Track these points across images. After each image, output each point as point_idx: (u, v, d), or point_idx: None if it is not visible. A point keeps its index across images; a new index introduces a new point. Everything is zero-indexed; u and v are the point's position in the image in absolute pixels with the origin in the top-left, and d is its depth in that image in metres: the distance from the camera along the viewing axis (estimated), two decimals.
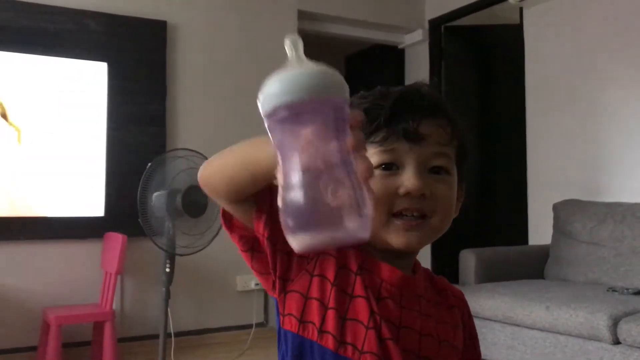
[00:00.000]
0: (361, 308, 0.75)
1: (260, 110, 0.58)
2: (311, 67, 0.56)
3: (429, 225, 0.78)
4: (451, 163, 0.81)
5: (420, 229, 0.77)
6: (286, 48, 0.59)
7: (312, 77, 0.55)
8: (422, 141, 0.78)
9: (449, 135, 0.81)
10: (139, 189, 2.72)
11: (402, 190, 0.76)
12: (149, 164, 2.74)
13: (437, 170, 0.79)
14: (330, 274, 0.75)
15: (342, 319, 0.74)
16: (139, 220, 2.71)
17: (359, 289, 0.76)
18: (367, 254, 0.80)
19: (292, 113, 0.55)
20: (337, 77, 0.58)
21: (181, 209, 2.67)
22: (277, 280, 0.75)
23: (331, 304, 0.74)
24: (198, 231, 2.74)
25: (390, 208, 0.76)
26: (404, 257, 0.82)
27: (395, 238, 0.77)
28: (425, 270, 0.89)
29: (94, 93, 3.69)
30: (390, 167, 0.78)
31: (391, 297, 0.78)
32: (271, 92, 0.56)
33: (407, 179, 0.76)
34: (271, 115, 0.56)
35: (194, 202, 2.68)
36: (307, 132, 0.55)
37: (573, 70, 3.77)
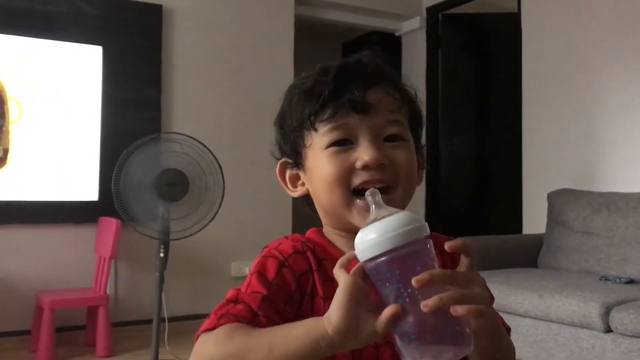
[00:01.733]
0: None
1: (364, 257, 0.63)
2: (402, 216, 0.63)
3: (393, 200, 0.74)
4: (405, 129, 0.79)
5: None
6: (367, 199, 0.67)
7: (408, 224, 0.62)
8: (372, 111, 0.75)
9: (398, 101, 0.78)
10: (119, 174, 2.69)
11: (359, 164, 0.74)
12: (125, 150, 2.72)
13: (392, 139, 0.76)
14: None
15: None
16: (115, 205, 2.68)
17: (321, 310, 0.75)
18: (323, 249, 0.79)
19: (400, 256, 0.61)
20: (420, 220, 0.63)
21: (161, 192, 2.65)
22: None
23: None
24: (186, 214, 2.72)
25: (350, 184, 0.73)
26: None
27: (358, 219, 0.75)
28: None
29: (88, 77, 3.67)
30: (345, 142, 0.75)
31: None
32: (375, 242, 0.62)
33: (363, 151, 0.74)
34: (379, 259, 0.62)
35: (172, 185, 2.67)
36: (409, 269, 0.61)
37: (570, 60, 3.76)
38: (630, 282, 2.80)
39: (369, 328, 0.61)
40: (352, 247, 0.76)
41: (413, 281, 0.59)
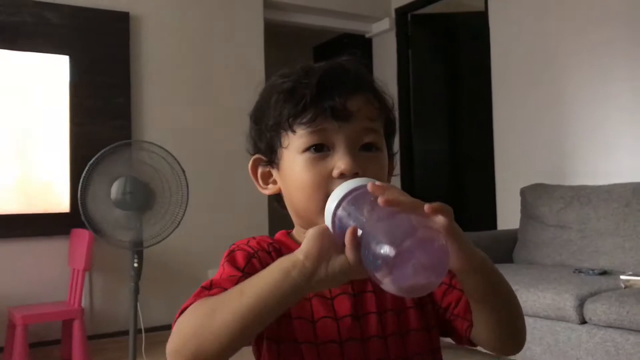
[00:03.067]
0: (328, 329, 0.76)
1: (333, 207, 0.68)
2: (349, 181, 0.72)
3: None
4: (381, 139, 0.80)
5: None
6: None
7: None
8: (351, 118, 0.76)
9: (377, 110, 0.79)
10: (85, 186, 2.66)
11: (335, 172, 0.74)
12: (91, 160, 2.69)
13: (368, 147, 0.77)
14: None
15: (316, 345, 0.75)
16: (82, 217, 2.65)
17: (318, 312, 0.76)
18: (289, 250, 0.79)
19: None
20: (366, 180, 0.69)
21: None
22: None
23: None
24: (154, 222, 2.69)
25: (327, 192, 0.73)
26: None
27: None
28: None
29: (56, 87, 3.61)
30: (321, 148, 0.76)
31: (342, 291, 0.78)
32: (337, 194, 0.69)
33: (340, 159, 0.75)
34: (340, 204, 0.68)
35: (138, 194, 2.64)
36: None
37: (537, 56, 3.81)
38: (603, 273, 2.84)
39: (340, 260, 0.62)
40: None
41: (380, 200, 0.60)
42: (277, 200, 0.86)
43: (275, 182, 0.83)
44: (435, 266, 0.59)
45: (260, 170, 0.84)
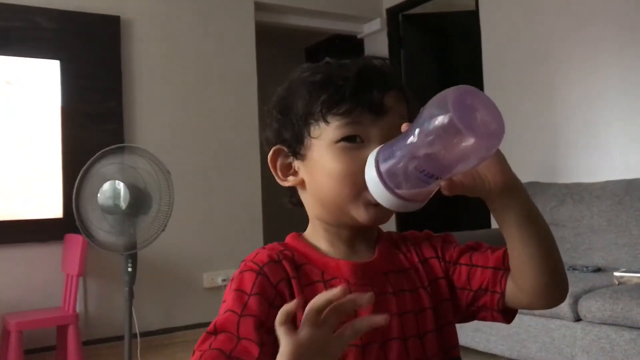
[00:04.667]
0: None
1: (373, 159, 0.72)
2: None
3: None
4: None
5: None
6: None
7: None
8: (386, 113, 0.78)
9: (405, 109, 0.81)
10: (78, 193, 2.66)
11: None
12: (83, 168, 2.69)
13: None
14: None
15: None
16: (77, 223, 2.65)
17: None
18: (302, 254, 0.79)
19: None
20: None
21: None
22: None
23: None
24: (145, 226, 2.69)
25: (360, 180, 0.73)
26: (362, 236, 0.82)
27: (363, 212, 0.76)
28: (389, 236, 0.87)
29: (47, 92, 3.60)
30: (354, 139, 0.77)
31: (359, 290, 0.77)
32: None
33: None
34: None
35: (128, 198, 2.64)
36: None
37: (529, 54, 3.82)
38: (597, 270, 2.85)
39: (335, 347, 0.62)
40: (338, 243, 0.81)
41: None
42: (290, 194, 0.86)
43: (295, 174, 0.83)
44: (492, 108, 0.66)
45: (279, 162, 0.84)
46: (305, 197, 0.84)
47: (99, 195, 2.61)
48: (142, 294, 3.25)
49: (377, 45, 4.95)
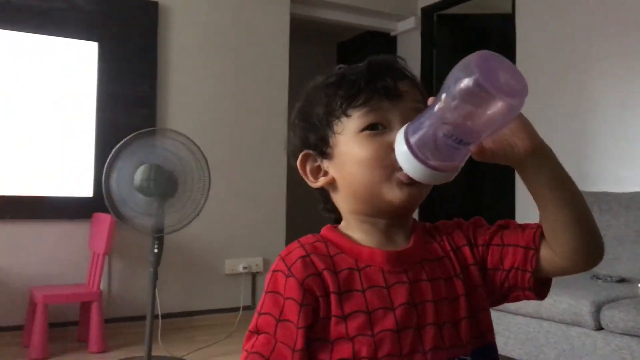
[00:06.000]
0: (385, 318, 0.76)
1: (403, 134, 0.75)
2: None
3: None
4: None
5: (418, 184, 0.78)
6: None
7: None
8: (403, 97, 0.80)
9: (419, 95, 0.83)
10: (109, 172, 2.72)
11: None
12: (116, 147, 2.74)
13: None
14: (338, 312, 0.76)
15: (372, 336, 0.75)
16: (106, 202, 2.71)
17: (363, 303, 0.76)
18: (336, 244, 0.81)
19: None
20: None
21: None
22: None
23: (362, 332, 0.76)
24: (175, 210, 2.73)
25: (388, 163, 0.76)
26: (398, 224, 0.83)
27: (397, 192, 0.78)
28: (422, 226, 0.89)
29: (84, 73, 3.66)
30: (376, 127, 0.79)
31: (397, 280, 0.78)
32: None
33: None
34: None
35: (161, 181, 2.68)
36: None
37: (563, 60, 3.79)
38: (621, 280, 2.82)
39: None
40: (374, 232, 0.82)
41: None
42: (323, 200, 0.89)
43: (325, 174, 0.85)
44: (514, 70, 0.69)
45: (309, 167, 0.86)
46: (337, 196, 0.85)
47: (130, 175, 2.65)
48: (164, 276, 3.31)
49: (410, 43, 4.94)
